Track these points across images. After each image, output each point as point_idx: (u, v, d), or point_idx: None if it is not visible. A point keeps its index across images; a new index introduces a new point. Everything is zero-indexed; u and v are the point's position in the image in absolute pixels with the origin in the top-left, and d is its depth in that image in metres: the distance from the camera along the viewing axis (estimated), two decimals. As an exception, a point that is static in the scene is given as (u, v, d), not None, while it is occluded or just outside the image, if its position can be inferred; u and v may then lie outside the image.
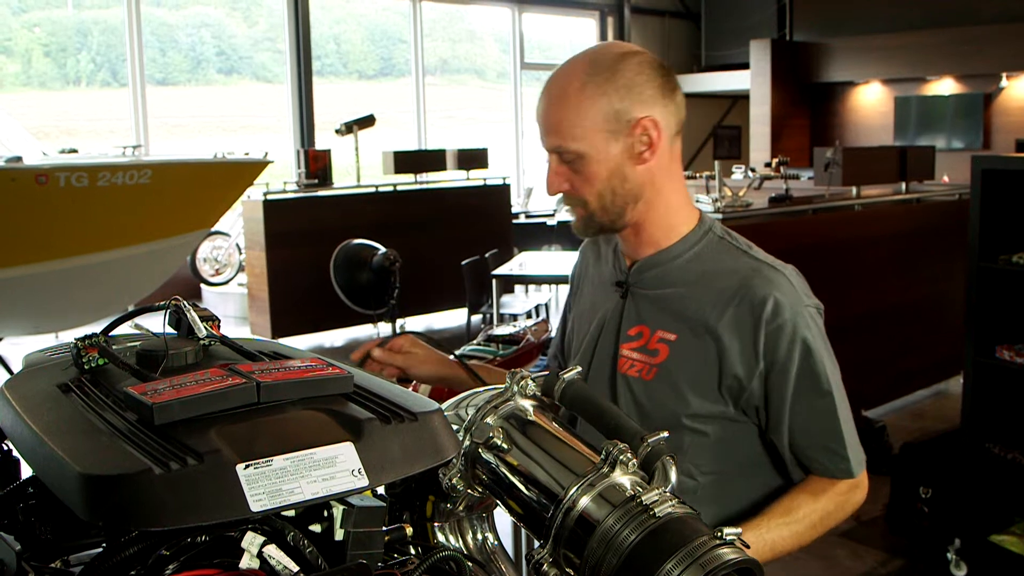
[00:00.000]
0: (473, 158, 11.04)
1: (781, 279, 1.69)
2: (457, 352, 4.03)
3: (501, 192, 11.24)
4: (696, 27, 19.11)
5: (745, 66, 17.35)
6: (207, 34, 15.03)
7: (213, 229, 9.78)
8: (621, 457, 1.05)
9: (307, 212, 9.49)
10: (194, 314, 1.01)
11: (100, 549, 1.00)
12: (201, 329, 1.01)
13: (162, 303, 1.08)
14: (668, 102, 1.75)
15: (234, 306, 10.78)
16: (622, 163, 1.71)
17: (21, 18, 13.75)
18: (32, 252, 6.18)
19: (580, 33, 18.02)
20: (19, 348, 7.76)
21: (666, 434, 1.12)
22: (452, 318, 10.19)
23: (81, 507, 0.79)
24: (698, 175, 8.63)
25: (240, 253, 11.46)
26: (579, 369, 1.27)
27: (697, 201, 6.04)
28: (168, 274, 7.43)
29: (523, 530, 3.51)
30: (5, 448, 1.10)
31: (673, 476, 1.07)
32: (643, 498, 1.00)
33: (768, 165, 14.31)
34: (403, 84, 15.62)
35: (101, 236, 6.26)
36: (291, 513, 0.92)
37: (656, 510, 0.99)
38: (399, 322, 8.50)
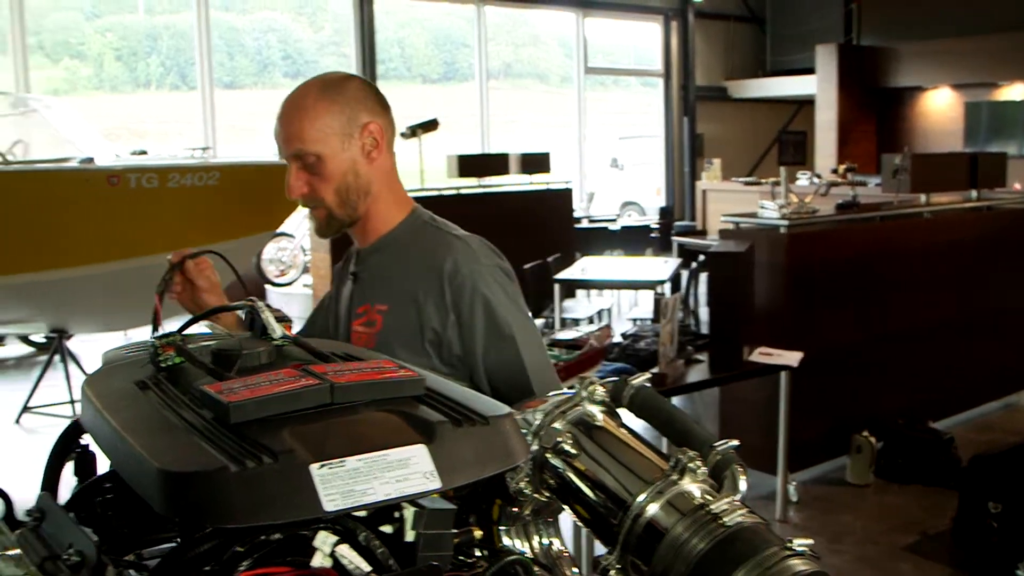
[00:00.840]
0: (536, 162, 11.03)
1: (462, 245, 1.96)
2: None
3: (563, 196, 11.21)
4: (761, 31, 18.94)
5: (811, 71, 17.14)
6: (273, 38, 15.23)
7: (278, 230, 9.88)
8: (690, 465, 1.04)
9: (371, 214, 9.52)
10: (269, 315, 1.02)
11: (173, 544, 1.02)
12: (276, 330, 1.02)
13: (238, 304, 1.09)
14: (387, 115, 2.01)
15: (298, 307, 10.89)
16: (355, 161, 1.95)
17: (94, 23, 14.04)
18: (103, 251, 6.29)
19: (644, 37, 17.96)
20: (89, 346, 7.91)
21: (736, 442, 1.11)
22: (513, 322, 10.17)
23: (159, 502, 0.80)
24: (763, 181, 8.55)
25: (305, 254, 11.57)
26: (648, 375, 1.26)
27: (762, 207, 5.98)
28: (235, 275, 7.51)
29: (585, 534, 3.50)
30: (84, 443, 1.12)
31: (743, 485, 1.06)
32: (712, 507, 1.00)
33: (835, 171, 14.16)
34: (466, 88, 15.67)
35: (170, 236, 6.34)
36: (362, 513, 0.92)
37: (726, 519, 0.98)
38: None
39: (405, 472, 0.84)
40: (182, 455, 0.82)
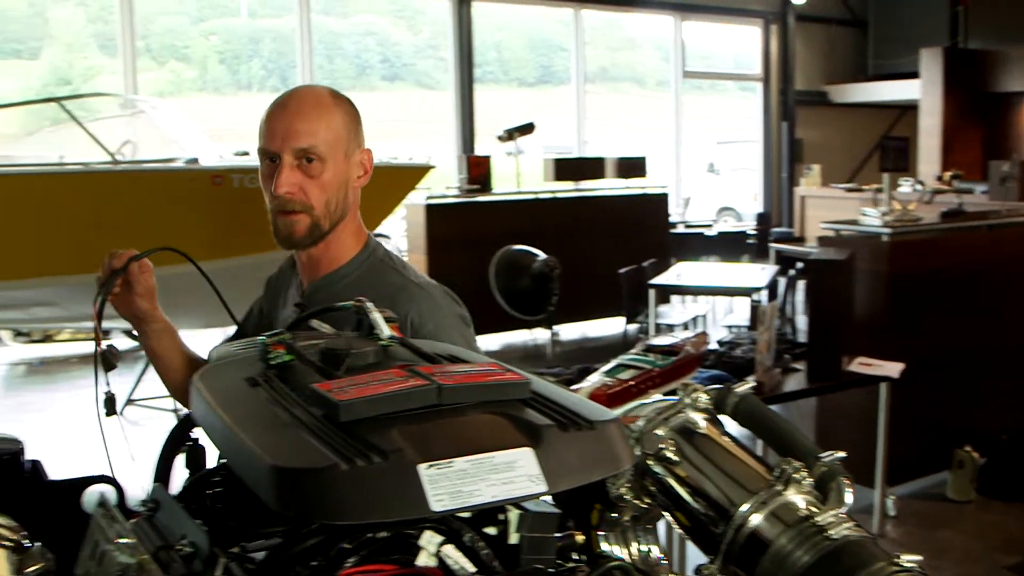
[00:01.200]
0: (632, 166, 11.00)
1: (425, 295, 1.91)
2: (615, 362, 4.02)
3: (659, 201, 11.16)
4: (863, 35, 18.57)
5: (915, 75, 16.73)
6: (372, 42, 15.44)
7: (375, 231, 10.00)
8: (795, 475, 1.03)
9: (467, 217, 9.61)
10: (377, 315, 1.04)
11: (276, 539, 1.03)
12: (384, 330, 1.04)
13: (346, 303, 1.10)
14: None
15: (392, 307, 11.02)
16: (348, 179, 1.92)
17: (199, 27, 14.41)
18: (206, 250, 6.42)
19: (743, 41, 17.75)
20: (189, 341, 8.10)
21: (842, 454, 1.09)
22: (608, 326, 10.15)
23: (270, 497, 0.82)
24: (864, 188, 8.39)
25: (400, 255, 11.70)
26: (752, 384, 1.25)
27: (864, 215, 5.87)
28: (332, 274, 7.64)
29: (676, 540, 3.47)
30: (195, 437, 1.15)
31: (849, 498, 1.04)
32: (818, 519, 0.98)
33: (939, 178, 13.79)
34: (562, 91, 15.68)
35: (270, 236, 6.48)
36: (466, 514, 0.93)
37: (831, 532, 0.97)
38: (555, 328, 8.54)
39: (511, 475, 0.84)
40: (293, 452, 0.83)
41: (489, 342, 9.66)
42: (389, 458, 0.81)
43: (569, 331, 9.93)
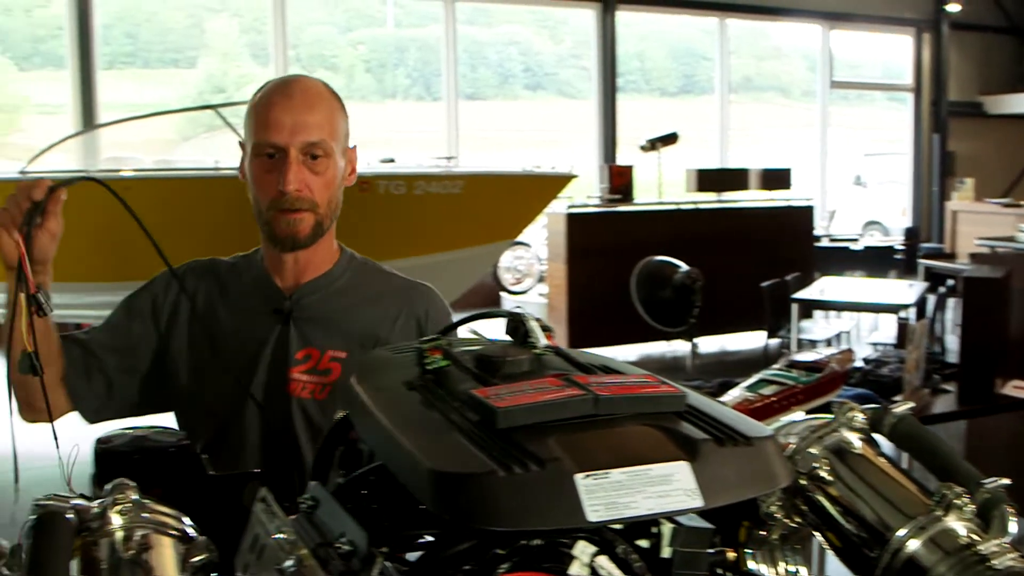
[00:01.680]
0: (776, 178, 10.83)
1: (433, 294, 1.93)
2: (757, 377, 3.95)
3: (804, 214, 10.96)
4: (1021, 43, 17.85)
5: (1078, 86, 16.04)
6: (515, 51, 15.57)
7: (516, 239, 10.09)
8: (956, 501, 1.00)
9: (608, 226, 9.61)
10: (535, 324, 1.05)
11: (427, 541, 1.05)
12: (540, 339, 1.05)
13: (499, 310, 1.12)
14: None
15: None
16: (342, 176, 1.85)
17: (347, 36, 14.80)
18: (350, 255, 6.61)
19: (893, 51, 17.28)
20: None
21: (1007, 481, 1.05)
22: (748, 340, 10.00)
23: (429, 500, 0.84)
24: (1021, 203, 8.07)
25: (540, 264, 11.76)
26: (911, 404, 1.22)
27: (1021, 231, 5.64)
28: (473, 281, 7.75)
29: (818, 558, 3.40)
30: (352, 437, 1.18)
31: (1013, 527, 1.01)
32: (980, 548, 0.95)
33: (1102, 194, 13.16)
34: (705, 101, 15.54)
35: (415, 242, 6.61)
36: (618, 526, 0.93)
37: (995, 562, 0.93)
38: (695, 340, 8.45)
39: (667, 488, 0.84)
40: (453, 457, 0.85)
41: (627, 353, 9.62)
42: (546, 467, 0.82)
43: (708, 344, 9.81)
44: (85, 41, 10.54)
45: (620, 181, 9.92)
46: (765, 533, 1.27)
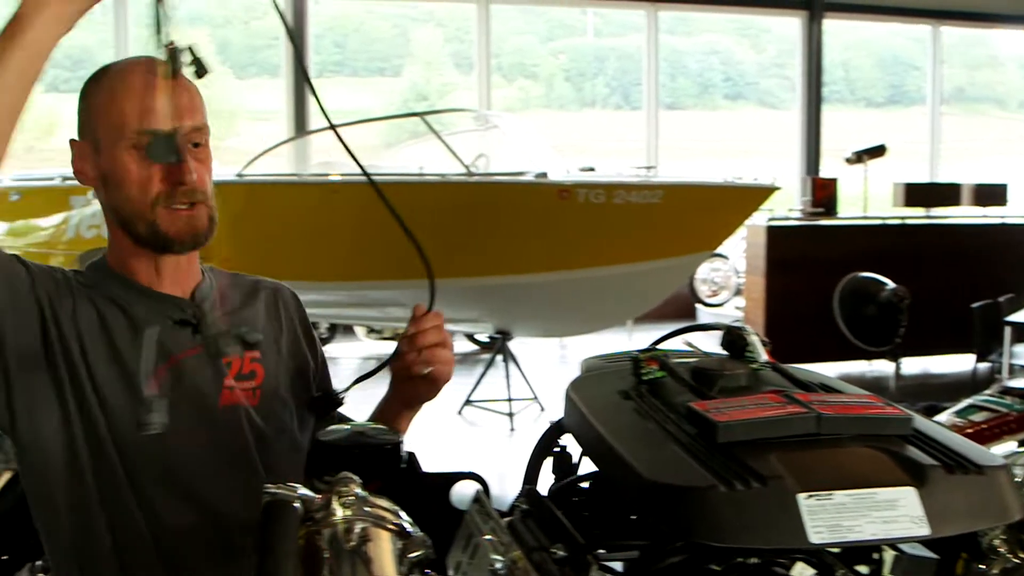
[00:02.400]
0: (990, 194, 10.31)
1: (292, 291, 1.84)
2: (967, 402, 3.79)
3: (1020, 232, 10.38)
4: None
5: None
6: (716, 60, 15.38)
7: (715, 251, 9.95)
8: None
9: (809, 240, 9.35)
10: (756, 339, 1.04)
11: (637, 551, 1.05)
12: (760, 354, 1.03)
13: (716, 323, 1.11)
14: None
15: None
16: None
17: (548, 46, 14.96)
18: (550, 261, 6.68)
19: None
20: (526, 348, 8.40)
21: None
22: (955, 363, 9.55)
23: (647, 511, 0.84)
24: None
25: (738, 276, 11.57)
26: None
27: None
28: (670, 292, 7.69)
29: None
30: (563, 444, 1.19)
31: None
32: None
33: None
34: (913, 113, 14.94)
35: (613, 251, 6.62)
36: (836, 550, 0.91)
37: None
38: (899, 361, 8.13)
39: (893, 514, 0.82)
40: (672, 469, 0.85)
41: (825, 371, 9.26)
42: (768, 484, 0.81)
43: (912, 365, 9.41)
44: (299, 50, 11.00)
45: (823, 194, 9.64)
46: (985, 567, 1.22)
